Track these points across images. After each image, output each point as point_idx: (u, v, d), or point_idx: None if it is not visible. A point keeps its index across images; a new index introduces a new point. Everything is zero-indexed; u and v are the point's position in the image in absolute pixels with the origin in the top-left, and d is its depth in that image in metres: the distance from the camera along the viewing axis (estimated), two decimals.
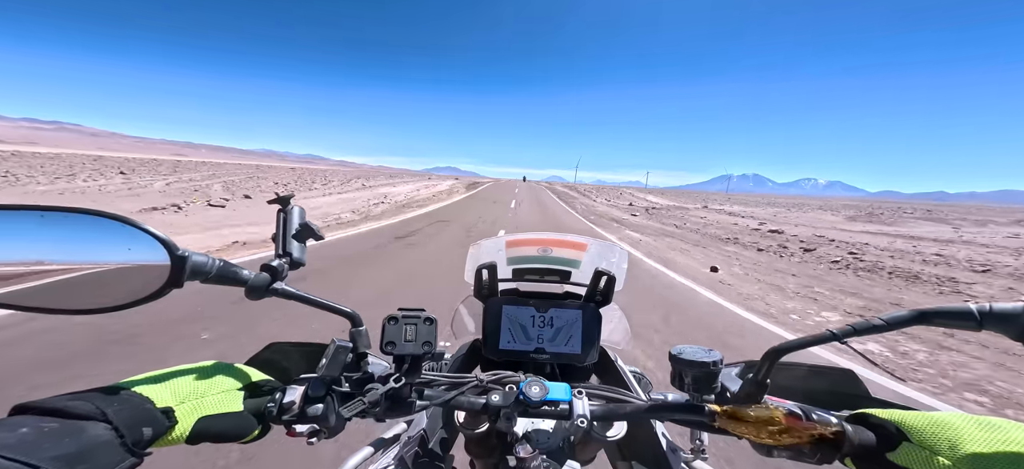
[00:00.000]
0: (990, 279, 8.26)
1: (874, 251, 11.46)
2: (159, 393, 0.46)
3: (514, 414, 0.59)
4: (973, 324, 0.40)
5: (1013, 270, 9.01)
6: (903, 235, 16.55)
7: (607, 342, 0.94)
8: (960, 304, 0.41)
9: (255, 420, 0.54)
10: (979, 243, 14.24)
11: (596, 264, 0.92)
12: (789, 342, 0.51)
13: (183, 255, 0.44)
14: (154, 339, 3.44)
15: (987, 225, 23.79)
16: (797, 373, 0.62)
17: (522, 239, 1.02)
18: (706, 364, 0.56)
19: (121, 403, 0.41)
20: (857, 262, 9.51)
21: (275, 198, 0.59)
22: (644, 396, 0.75)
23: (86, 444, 0.36)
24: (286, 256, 0.56)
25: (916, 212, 38.29)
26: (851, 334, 0.46)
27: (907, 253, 11.26)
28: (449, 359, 0.97)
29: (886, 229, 18.97)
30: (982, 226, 22.91)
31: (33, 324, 3.49)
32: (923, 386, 3.40)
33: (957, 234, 17.55)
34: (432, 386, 0.63)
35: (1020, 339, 0.39)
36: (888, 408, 0.50)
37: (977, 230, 19.95)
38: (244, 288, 0.50)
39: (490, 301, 0.91)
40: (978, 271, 8.96)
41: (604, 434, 0.66)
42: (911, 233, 17.43)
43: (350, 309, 0.58)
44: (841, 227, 19.40)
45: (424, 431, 0.74)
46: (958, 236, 16.73)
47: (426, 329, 0.61)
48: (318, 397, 0.56)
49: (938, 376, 3.58)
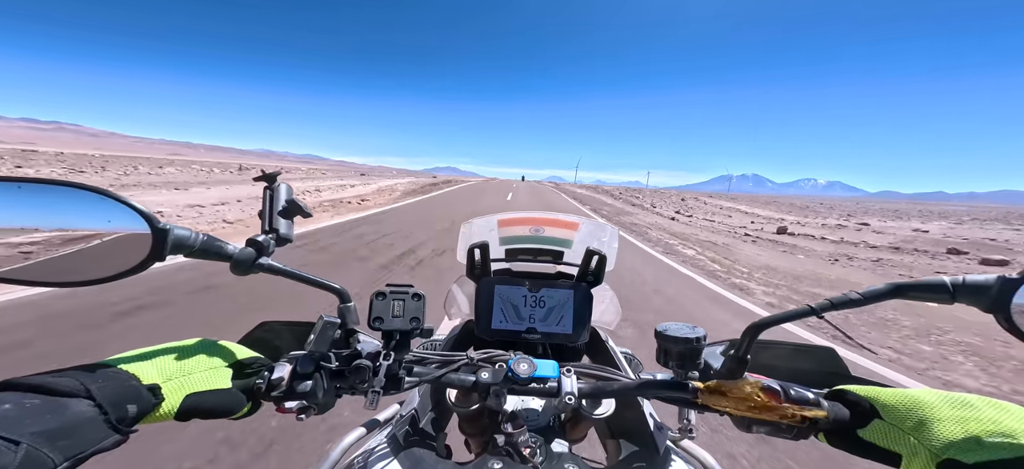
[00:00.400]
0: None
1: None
2: (145, 370, 0.46)
3: (504, 391, 0.60)
4: (946, 296, 0.41)
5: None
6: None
7: (598, 322, 0.94)
8: (934, 277, 0.42)
9: (244, 397, 0.54)
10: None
11: (587, 243, 0.92)
12: (768, 317, 0.52)
13: (164, 228, 0.44)
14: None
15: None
16: (780, 351, 0.63)
17: (515, 219, 1.02)
18: (690, 340, 0.56)
19: (105, 379, 0.41)
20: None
21: (261, 175, 0.59)
22: (633, 375, 0.75)
23: (69, 420, 0.36)
24: (273, 232, 0.56)
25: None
26: (829, 308, 0.47)
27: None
28: (442, 339, 0.98)
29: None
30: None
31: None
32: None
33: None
34: (422, 363, 0.64)
35: (989, 311, 0.40)
36: (866, 385, 0.51)
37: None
38: (229, 263, 0.50)
39: (483, 281, 0.91)
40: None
41: (592, 412, 0.67)
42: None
43: (338, 285, 0.58)
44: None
45: (416, 410, 0.75)
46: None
47: (414, 305, 0.61)
48: (307, 373, 0.56)
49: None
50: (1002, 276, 0.40)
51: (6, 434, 0.32)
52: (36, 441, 0.33)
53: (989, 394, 0.60)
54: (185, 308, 3.97)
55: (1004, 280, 0.39)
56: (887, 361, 3.76)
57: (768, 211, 33.08)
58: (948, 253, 12.05)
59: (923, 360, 3.84)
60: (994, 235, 16.26)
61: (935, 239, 15.08)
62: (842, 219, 25.82)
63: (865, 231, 17.99)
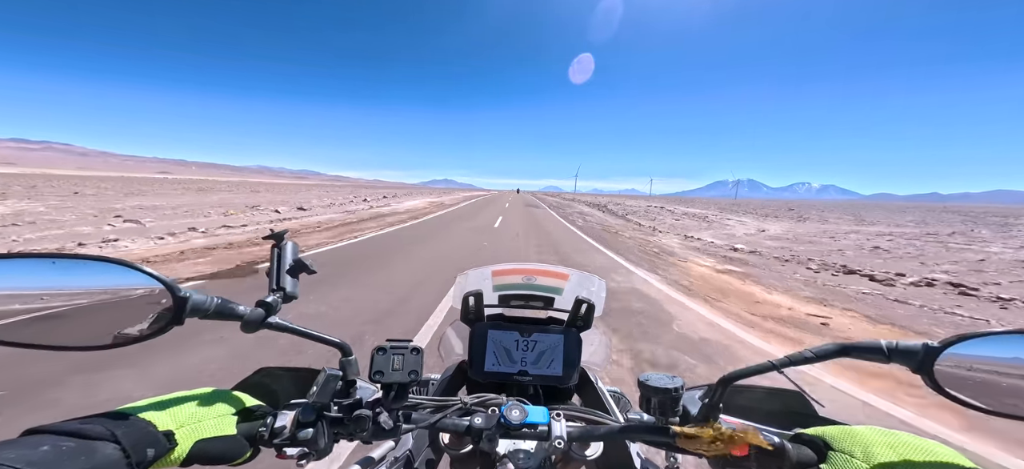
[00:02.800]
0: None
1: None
2: (161, 417, 0.49)
3: (496, 435, 0.63)
4: (882, 357, 0.48)
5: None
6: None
7: (587, 364, 0.98)
8: (873, 340, 0.49)
9: (247, 443, 0.57)
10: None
11: (577, 292, 0.97)
12: (738, 371, 0.58)
13: (184, 296, 0.48)
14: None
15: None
16: (755, 395, 0.68)
17: (508, 269, 1.07)
18: (669, 390, 0.61)
19: (128, 426, 0.45)
20: None
21: (269, 234, 0.63)
22: (621, 416, 0.79)
23: (98, 463, 0.40)
24: (280, 291, 0.59)
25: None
26: (787, 364, 0.53)
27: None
28: (436, 380, 1.01)
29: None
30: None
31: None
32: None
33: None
34: (418, 409, 0.66)
35: (916, 372, 0.47)
36: (824, 425, 0.56)
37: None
38: (240, 323, 0.54)
39: (476, 325, 0.95)
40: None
41: (582, 453, 0.71)
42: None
43: (340, 340, 0.62)
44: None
45: (410, 451, 0.77)
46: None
47: (413, 359, 0.64)
48: (309, 422, 0.59)
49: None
50: (927, 343, 0.46)
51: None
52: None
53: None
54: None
55: (928, 347, 0.46)
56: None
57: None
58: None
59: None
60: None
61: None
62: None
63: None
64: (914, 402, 3.08)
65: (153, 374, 3.15)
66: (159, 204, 20.84)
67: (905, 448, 0.47)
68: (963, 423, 2.83)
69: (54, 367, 3.08)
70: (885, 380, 3.34)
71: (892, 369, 2.43)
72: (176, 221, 13.47)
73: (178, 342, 3.55)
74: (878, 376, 3.40)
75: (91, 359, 3.12)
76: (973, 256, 11.72)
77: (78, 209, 16.19)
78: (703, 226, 20.90)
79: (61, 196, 24.18)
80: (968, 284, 7.59)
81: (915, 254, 12.19)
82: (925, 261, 10.87)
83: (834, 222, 26.74)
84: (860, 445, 0.49)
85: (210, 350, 3.57)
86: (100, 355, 1.43)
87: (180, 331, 0.48)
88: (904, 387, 3.25)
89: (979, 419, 3.91)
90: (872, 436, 0.50)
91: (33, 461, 0.36)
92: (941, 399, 0.47)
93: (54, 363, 3.10)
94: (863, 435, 0.51)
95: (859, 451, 0.49)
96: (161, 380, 3.09)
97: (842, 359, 0.50)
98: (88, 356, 0.49)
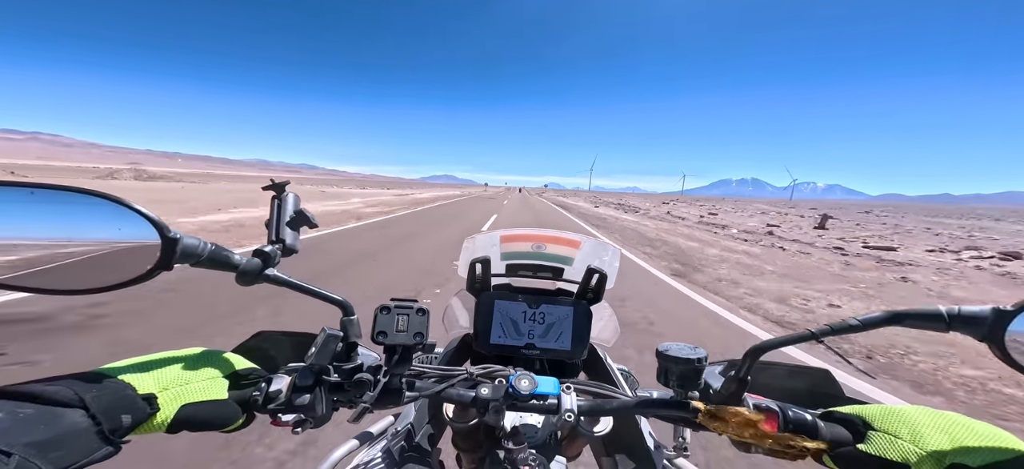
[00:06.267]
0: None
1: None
2: (142, 380, 0.45)
3: (503, 408, 0.60)
4: (942, 325, 0.42)
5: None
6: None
7: (596, 339, 0.95)
8: (930, 306, 0.44)
9: (239, 409, 0.53)
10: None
11: (589, 262, 0.93)
12: (769, 340, 0.53)
13: (174, 237, 0.44)
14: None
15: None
16: (778, 372, 0.64)
17: (517, 234, 1.03)
18: (691, 361, 0.57)
19: (100, 389, 0.41)
20: None
21: (270, 184, 0.60)
22: (631, 393, 0.76)
23: (61, 431, 0.36)
24: (279, 243, 0.56)
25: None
26: (829, 333, 0.48)
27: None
28: (440, 352, 0.97)
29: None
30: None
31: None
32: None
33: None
34: (422, 378, 0.63)
35: (983, 341, 0.42)
36: (857, 405, 0.53)
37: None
38: (235, 273, 0.50)
39: (483, 295, 0.91)
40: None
41: (591, 429, 0.68)
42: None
43: (341, 297, 0.58)
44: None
45: (411, 424, 0.74)
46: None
47: (418, 320, 0.61)
48: (306, 387, 0.55)
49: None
50: (996, 308, 0.41)
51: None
52: (28, 452, 0.33)
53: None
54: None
55: (998, 311, 0.41)
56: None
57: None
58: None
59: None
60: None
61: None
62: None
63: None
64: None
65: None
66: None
67: (959, 431, 0.43)
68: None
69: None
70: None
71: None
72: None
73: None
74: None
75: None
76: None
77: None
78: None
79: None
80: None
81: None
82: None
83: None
84: (907, 425, 0.46)
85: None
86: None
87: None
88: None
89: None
90: (920, 416, 0.46)
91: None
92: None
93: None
94: (910, 415, 0.47)
95: (906, 432, 0.45)
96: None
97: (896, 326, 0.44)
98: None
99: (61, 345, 3.38)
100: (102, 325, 3.81)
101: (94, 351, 3.30)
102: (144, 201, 0.48)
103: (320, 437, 2.09)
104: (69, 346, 3.36)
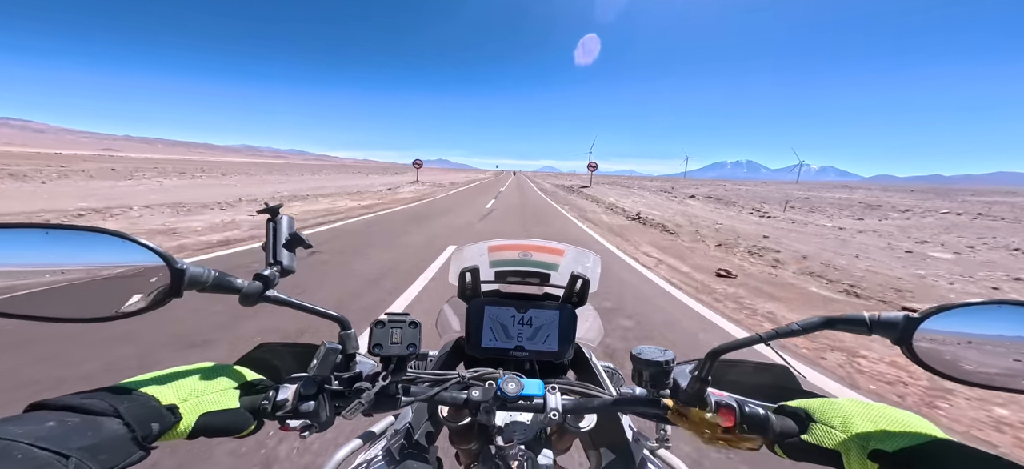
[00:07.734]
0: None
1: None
2: (163, 392, 0.50)
3: (493, 408, 0.65)
4: (864, 329, 0.49)
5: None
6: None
7: (582, 340, 1.00)
8: (856, 313, 0.50)
9: (251, 416, 0.58)
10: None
11: (572, 268, 0.98)
12: (727, 343, 0.60)
13: (181, 268, 0.48)
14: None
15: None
16: (743, 369, 0.71)
17: (504, 244, 1.07)
18: (660, 363, 0.63)
19: (131, 401, 0.45)
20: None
21: (264, 208, 0.63)
22: (614, 390, 0.82)
23: (103, 438, 0.40)
24: (277, 264, 0.59)
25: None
26: (774, 336, 0.55)
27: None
28: (434, 355, 1.02)
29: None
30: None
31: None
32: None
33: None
34: (417, 383, 0.68)
35: (896, 343, 0.48)
36: (807, 398, 0.59)
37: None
38: (238, 296, 0.54)
39: (473, 301, 0.96)
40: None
41: (577, 425, 0.74)
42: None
43: (339, 314, 0.62)
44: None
45: (410, 424, 0.79)
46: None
47: (411, 332, 0.65)
48: (310, 395, 0.60)
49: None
50: (907, 314, 0.48)
51: (56, 448, 0.36)
52: (82, 455, 0.37)
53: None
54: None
55: (908, 318, 0.47)
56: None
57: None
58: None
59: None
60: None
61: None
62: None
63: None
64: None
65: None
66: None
67: (881, 419, 0.50)
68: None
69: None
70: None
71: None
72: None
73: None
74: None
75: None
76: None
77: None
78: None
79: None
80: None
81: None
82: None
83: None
84: (839, 416, 0.52)
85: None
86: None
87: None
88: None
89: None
90: (851, 407, 0.53)
91: (40, 436, 0.36)
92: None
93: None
94: (843, 406, 0.54)
95: (838, 422, 0.52)
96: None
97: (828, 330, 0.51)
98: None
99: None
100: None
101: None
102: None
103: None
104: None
